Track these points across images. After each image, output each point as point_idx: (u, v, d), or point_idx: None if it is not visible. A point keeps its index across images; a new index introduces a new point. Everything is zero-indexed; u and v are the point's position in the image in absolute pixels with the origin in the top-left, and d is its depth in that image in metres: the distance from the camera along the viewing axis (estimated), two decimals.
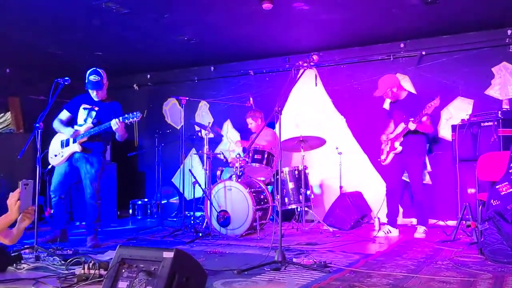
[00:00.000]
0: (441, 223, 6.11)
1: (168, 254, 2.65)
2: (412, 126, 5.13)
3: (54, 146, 5.22)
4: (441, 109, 6.40)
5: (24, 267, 3.73)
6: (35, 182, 4.48)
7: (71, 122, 5.24)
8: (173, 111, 8.49)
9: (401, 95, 5.47)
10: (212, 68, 8.05)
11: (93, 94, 5.15)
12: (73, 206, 5.86)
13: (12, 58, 7.54)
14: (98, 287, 2.93)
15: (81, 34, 6.33)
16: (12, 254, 3.86)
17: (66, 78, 4.63)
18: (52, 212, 6.57)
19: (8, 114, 7.87)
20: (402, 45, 6.70)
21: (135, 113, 4.80)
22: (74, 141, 5.07)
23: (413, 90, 6.57)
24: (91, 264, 3.30)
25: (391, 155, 5.47)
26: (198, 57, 7.61)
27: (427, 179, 6.49)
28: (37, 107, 7.31)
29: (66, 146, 5.13)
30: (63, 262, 3.81)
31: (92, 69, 5.14)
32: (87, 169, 5.09)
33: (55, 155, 5.18)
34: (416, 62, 6.61)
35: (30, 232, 5.84)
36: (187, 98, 5.99)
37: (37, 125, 4.46)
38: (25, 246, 4.35)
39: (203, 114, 8.20)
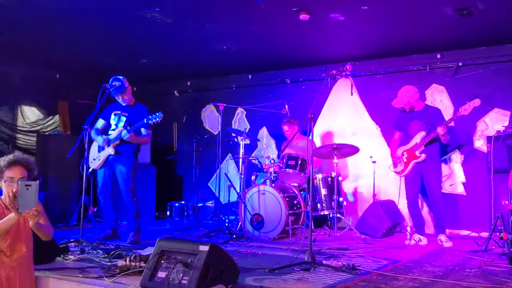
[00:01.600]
0: (474, 234, 6.09)
1: (204, 248, 2.86)
2: (441, 130, 5.17)
3: (93, 151, 5.59)
4: (477, 121, 6.41)
5: (70, 258, 4.04)
6: (79, 181, 4.80)
7: (106, 129, 5.60)
8: (211, 117, 8.75)
9: (419, 106, 5.56)
10: (250, 76, 8.28)
11: (119, 99, 5.50)
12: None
13: (62, 64, 7.99)
14: (139, 277, 3.16)
15: (128, 42, 6.68)
16: (60, 246, 4.16)
17: (114, 83, 4.95)
18: (95, 210, 6.97)
19: (57, 117, 8.34)
20: (438, 56, 6.73)
21: (157, 114, 5.10)
22: (108, 145, 5.41)
23: (449, 101, 6.61)
24: (132, 257, 3.55)
25: (411, 165, 5.50)
26: (236, 65, 7.86)
27: (461, 190, 6.49)
28: (84, 110, 7.76)
29: (102, 150, 5.49)
30: (106, 255, 4.08)
31: (112, 77, 5.44)
32: (120, 169, 5.43)
33: (94, 159, 5.55)
34: (452, 73, 6.64)
35: (75, 228, 6.29)
36: (225, 105, 6.22)
37: (85, 127, 4.78)
38: (71, 240, 4.66)
39: (240, 121, 8.43)
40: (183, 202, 8.48)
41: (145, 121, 5.15)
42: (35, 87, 8.05)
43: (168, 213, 8.26)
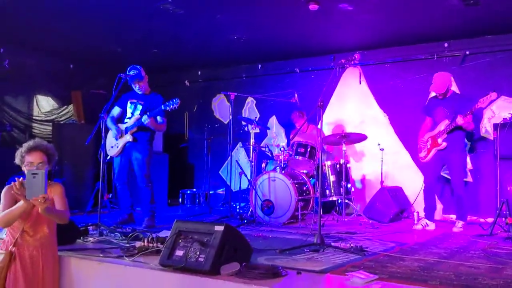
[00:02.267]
0: (481, 220, 6.21)
1: (219, 228, 3.02)
2: (460, 120, 5.28)
3: (110, 139, 5.74)
4: (484, 109, 6.49)
5: (90, 240, 4.23)
6: (93, 168, 4.96)
7: (122, 117, 5.75)
8: (221, 107, 8.91)
9: (449, 92, 5.64)
10: (260, 66, 8.41)
11: (136, 87, 5.63)
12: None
13: (76, 55, 8.18)
14: (156, 257, 3.33)
15: (140, 33, 6.84)
16: (80, 229, 4.35)
17: (131, 72, 5.10)
18: (110, 196, 7.17)
19: (71, 107, 8.53)
20: (446, 45, 6.83)
21: (174, 100, 5.26)
22: (126, 132, 5.57)
23: (457, 90, 6.70)
24: (150, 238, 3.73)
25: (432, 152, 5.62)
26: (246, 55, 7.99)
27: (468, 177, 6.60)
28: (97, 100, 7.96)
29: (120, 138, 5.64)
30: (124, 237, 4.26)
31: (129, 66, 5.59)
32: (136, 156, 5.59)
33: (112, 147, 5.70)
34: (459, 62, 6.73)
35: (91, 214, 6.48)
36: (236, 94, 6.36)
37: (102, 115, 4.94)
38: (89, 224, 4.85)
39: (250, 110, 8.57)
40: (194, 189, 8.66)
41: (162, 107, 5.32)
42: (50, 77, 8.24)
43: (180, 200, 8.45)
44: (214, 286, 2.83)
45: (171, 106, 5.27)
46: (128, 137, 5.54)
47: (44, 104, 8.22)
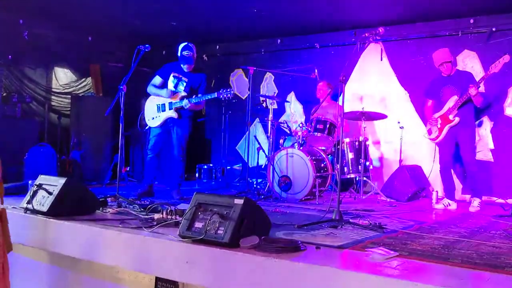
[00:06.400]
0: (501, 200, 6.11)
1: (239, 201, 3.00)
2: (473, 91, 5.16)
3: (151, 109, 5.76)
4: (508, 87, 6.33)
5: (109, 211, 4.25)
6: (119, 140, 4.97)
7: (162, 87, 5.77)
8: (239, 82, 8.83)
9: (451, 71, 5.52)
10: (279, 40, 8.28)
11: (184, 66, 5.64)
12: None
13: (94, 28, 8.13)
14: (174, 229, 3.34)
15: (158, 5, 6.74)
16: (100, 200, 4.38)
17: (147, 45, 5.04)
18: (128, 169, 7.21)
19: (89, 79, 8.54)
20: (471, 21, 6.62)
21: (228, 90, 5.34)
22: (170, 107, 5.60)
23: (480, 67, 6.54)
24: (168, 211, 3.74)
25: (445, 130, 5.51)
26: (266, 29, 7.86)
27: (489, 157, 6.49)
28: (115, 73, 7.95)
29: (162, 111, 5.68)
30: (142, 209, 4.27)
31: (184, 44, 5.60)
32: (178, 132, 5.68)
33: (153, 118, 5.74)
34: (485, 39, 6.53)
35: (109, 187, 6.52)
36: (255, 68, 6.28)
37: (121, 87, 4.92)
38: (108, 196, 4.88)
39: (268, 86, 8.48)
40: (211, 164, 8.67)
41: (215, 95, 5.38)
42: (68, 49, 8.24)
43: (196, 174, 8.46)
44: (233, 258, 2.82)
45: (225, 95, 5.33)
46: (172, 113, 5.59)
47: (62, 76, 8.24)
